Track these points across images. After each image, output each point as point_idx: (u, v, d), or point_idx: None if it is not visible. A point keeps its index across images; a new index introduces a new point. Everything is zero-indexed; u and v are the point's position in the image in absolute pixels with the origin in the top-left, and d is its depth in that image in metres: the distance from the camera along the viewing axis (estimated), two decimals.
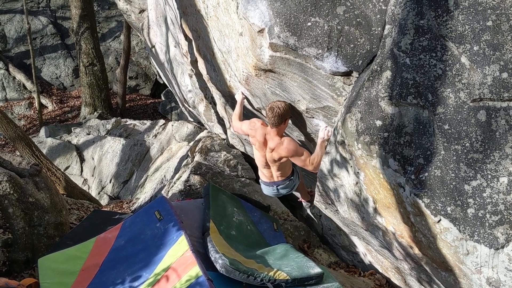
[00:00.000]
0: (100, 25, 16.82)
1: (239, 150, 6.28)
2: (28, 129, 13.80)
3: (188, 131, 8.65)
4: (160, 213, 3.78)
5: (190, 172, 5.43)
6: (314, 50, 3.01)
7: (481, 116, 2.45)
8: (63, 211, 4.44)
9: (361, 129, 2.81)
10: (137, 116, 14.62)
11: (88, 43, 13.06)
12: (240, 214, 4.28)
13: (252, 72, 3.70)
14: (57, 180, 6.97)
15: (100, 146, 9.90)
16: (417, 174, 2.58)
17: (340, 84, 3.11)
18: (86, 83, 13.46)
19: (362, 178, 2.98)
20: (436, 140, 2.54)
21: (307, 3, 3.01)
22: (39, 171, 4.36)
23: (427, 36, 2.61)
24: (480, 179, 2.42)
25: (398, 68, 2.67)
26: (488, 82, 2.44)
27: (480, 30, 2.50)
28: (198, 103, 6.89)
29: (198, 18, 4.60)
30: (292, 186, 4.28)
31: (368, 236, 3.58)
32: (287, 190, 4.30)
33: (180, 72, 7.23)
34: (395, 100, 2.66)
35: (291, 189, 4.32)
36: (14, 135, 6.84)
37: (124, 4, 9.67)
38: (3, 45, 16.16)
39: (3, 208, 4.01)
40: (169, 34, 7.18)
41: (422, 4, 2.64)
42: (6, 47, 16.15)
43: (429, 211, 2.54)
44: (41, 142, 10.88)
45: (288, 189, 4.29)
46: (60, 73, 16.02)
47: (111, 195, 8.82)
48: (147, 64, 16.46)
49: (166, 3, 6.29)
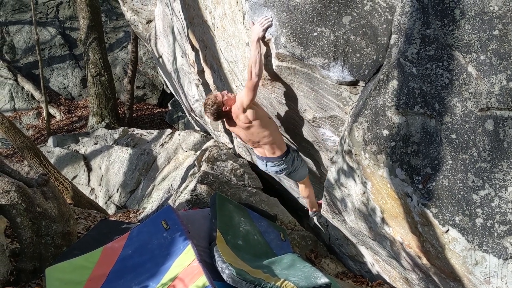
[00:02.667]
0: (108, 36, 16.98)
1: (246, 159, 6.28)
2: (36, 139, 13.90)
3: (195, 140, 8.67)
4: (167, 223, 3.78)
5: (196, 182, 5.44)
6: (320, 60, 3.02)
7: (489, 125, 2.44)
8: (71, 220, 4.45)
9: (368, 138, 2.81)
10: (144, 126, 14.68)
11: (96, 53, 13.17)
12: (247, 223, 4.26)
13: (259, 82, 3.71)
14: (64, 190, 7.00)
15: (107, 156, 9.94)
16: (424, 184, 2.56)
17: (347, 93, 3.11)
18: (94, 93, 13.56)
19: (369, 187, 2.97)
20: (443, 149, 2.53)
21: (313, 13, 3.02)
22: (47, 181, 4.38)
23: (434, 46, 2.61)
24: (488, 188, 2.41)
25: (405, 77, 2.67)
26: (496, 91, 2.44)
27: (487, 39, 2.50)
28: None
29: (205, 28, 4.63)
30: (284, 168, 4.18)
31: (375, 246, 3.55)
32: (275, 170, 4.20)
33: (187, 81, 7.27)
34: (402, 110, 2.66)
35: (283, 171, 4.22)
36: (23, 145, 6.89)
37: (131, 14, 9.76)
38: (12, 55, 16.34)
39: (11, 218, 4.03)
40: (176, 44, 7.23)
41: (428, 13, 2.65)
42: (15, 57, 16.33)
43: (437, 221, 2.52)
44: (49, 151, 10.94)
45: (277, 168, 4.18)
46: (68, 83, 16.15)
47: (118, 205, 8.84)
48: (154, 74, 16.57)
49: (173, 13, 6.34)
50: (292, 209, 5.85)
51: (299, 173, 4.37)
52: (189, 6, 4.93)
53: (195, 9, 4.69)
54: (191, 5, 4.80)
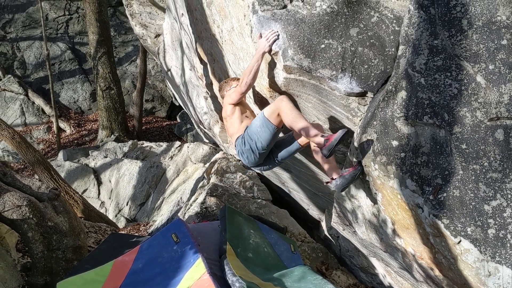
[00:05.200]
0: (117, 50, 17.17)
1: (255, 171, 6.29)
2: (47, 153, 14.01)
3: (204, 152, 8.70)
4: (177, 236, 3.78)
5: (206, 194, 5.44)
6: (328, 72, 3.03)
7: (499, 135, 2.43)
8: (81, 234, 4.47)
9: (377, 149, 2.80)
10: (154, 138, 14.76)
11: (105, 68, 13.30)
12: (256, 236, 4.25)
13: (267, 94, 3.73)
14: (75, 203, 7.04)
15: (117, 169, 9.99)
16: (435, 195, 2.55)
17: (355, 104, 3.11)
18: (103, 107, 13.67)
19: (380, 199, 2.95)
20: (453, 159, 2.52)
21: (320, 25, 3.04)
22: (58, 195, 4.41)
23: (442, 56, 2.61)
24: (500, 198, 2.39)
25: (413, 88, 2.66)
26: (505, 100, 2.43)
27: (495, 49, 2.49)
28: (214, 124, 6.94)
29: (213, 42, 4.67)
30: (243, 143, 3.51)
31: (387, 258, 3.53)
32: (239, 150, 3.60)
33: (195, 94, 7.31)
34: (411, 120, 2.65)
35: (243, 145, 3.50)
36: (33, 159, 6.95)
37: (140, 29, 9.88)
38: (22, 71, 16.55)
39: (23, 232, 4.05)
40: (184, 57, 7.29)
41: (436, 24, 2.65)
42: (25, 73, 16.54)
43: (449, 232, 2.50)
44: (59, 165, 11.02)
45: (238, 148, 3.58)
46: (78, 97, 16.31)
47: (128, 218, 8.86)
48: (163, 87, 16.69)
49: (181, 28, 6.40)
50: (302, 221, 5.82)
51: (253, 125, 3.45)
52: (197, 21, 4.98)
53: (203, 23, 4.74)
54: (199, 19, 4.85)
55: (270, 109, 3.26)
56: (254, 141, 3.39)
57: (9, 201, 3.99)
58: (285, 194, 6.47)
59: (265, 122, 3.28)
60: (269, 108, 3.28)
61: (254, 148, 3.41)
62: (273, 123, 3.26)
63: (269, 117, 3.26)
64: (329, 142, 2.92)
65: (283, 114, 3.21)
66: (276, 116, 3.24)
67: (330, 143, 2.92)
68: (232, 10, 3.80)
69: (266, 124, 3.29)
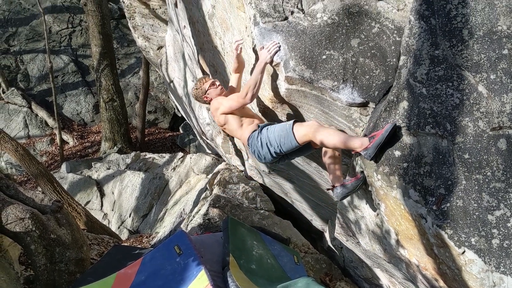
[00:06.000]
0: (120, 62, 17.27)
1: (258, 182, 6.28)
2: (50, 165, 14.04)
3: (206, 163, 8.70)
4: (180, 248, 3.77)
5: (208, 205, 5.44)
6: (330, 82, 3.04)
7: (502, 144, 2.42)
8: (84, 247, 4.46)
9: (380, 159, 2.79)
10: (156, 150, 14.78)
11: (108, 80, 13.37)
12: (260, 247, 4.24)
13: (269, 104, 3.74)
14: (78, 215, 7.04)
15: (120, 181, 10.00)
16: (438, 205, 2.54)
17: (357, 115, 3.11)
18: (106, 119, 13.72)
19: (383, 209, 2.94)
20: (456, 169, 2.51)
21: (321, 36, 3.06)
22: (60, 208, 4.42)
23: (443, 66, 2.62)
24: (504, 208, 2.38)
25: (415, 98, 2.67)
26: (507, 110, 2.43)
27: (496, 59, 2.50)
28: (216, 135, 6.95)
29: (215, 53, 4.70)
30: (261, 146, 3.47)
31: (391, 269, 3.50)
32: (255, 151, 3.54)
33: (198, 105, 7.34)
34: (413, 130, 2.65)
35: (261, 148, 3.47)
36: (37, 172, 6.97)
37: (143, 41, 9.95)
38: (26, 83, 16.65)
39: (26, 245, 4.05)
40: (186, 69, 7.33)
41: (437, 34, 2.66)
42: (29, 85, 16.64)
43: (453, 242, 2.48)
44: (62, 177, 11.04)
45: (254, 148, 3.53)
46: (81, 109, 16.39)
47: (131, 229, 8.85)
48: (166, 98, 16.75)
49: (183, 39, 6.44)
50: (305, 232, 5.80)
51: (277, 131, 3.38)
52: (199, 33, 5.01)
53: (205, 35, 4.77)
54: (201, 31, 4.88)
55: (301, 132, 3.19)
56: (273, 147, 3.37)
57: (12, 213, 3.99)
58: (288, 204, 6.45)
59: (291, 137, 3.24)
60: (300, 130, 3.20)
61: (273, 151, 3.39)
62: (298, 142, 3.24)
63: (298, 137, 3.21)
64: (375, 140, 2.69)
65: (329, 144, 3.09)
66: (306, 139, 3.20)
67: (376, 140, 2.68)
68: (233, 22, 3.83)
69: (290, 139, 3.25)
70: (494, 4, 2.54)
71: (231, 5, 3.70)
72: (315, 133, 3.12)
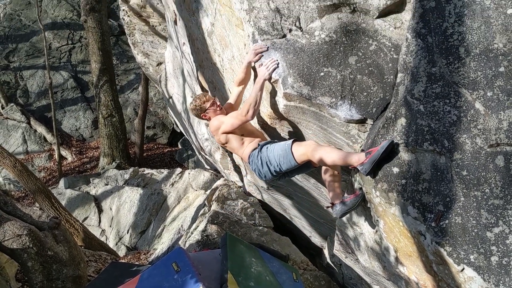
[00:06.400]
0: (119, 78, 17.36)
1: (256, 198, 6.27)
2: (48, 181, 14.01)
3: (205, 179, 8.69)
4: (178, 265, 3.75)
5: (207, 222, 5.42)
6: (328, 99, 3.06)
7: (499, 161, 2.43)
8: (81, 264, 4.43)
9: (378, 176, 2.80)
10: (155, 165, 14.77)
11: (107, 95, 13.42)
12: (258, 264, 4.21)
13: (268, 120, 3.75)
14: (75, 232, 7.00)
15: (118, 196, 9.96)
16: (437, 222, 2.53)
17: (355, 131, 3.13)
18: (105, 134, 13.73)
19: (382, 226, 2.93)
20: (455, 186, 2.51)
21: (319, 54, 3.08)
22: (58, 224, 4.40)
23: (440, 83, 2.64)
24: (502, 225, 2.37)
25: (413, 115, 2.68)
26: (504, 127, 2.44)
27: (493, 76, 2.52)
28: (215, 151, 6.96)
29: (214, 70, 4.73)
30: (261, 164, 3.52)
31: (390, 286, 3.48)
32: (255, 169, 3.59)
33: (196, 121, 7.36)
34: (411, 147, 2.66)
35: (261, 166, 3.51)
36: (34, 188, 6.95)
37: (142, 57, 10.01)
38: (25, 99, 16.71)
39: (22, 262, 4.02)
40: (186, 85, 7.37)
41: (433, 52, 2.69)
42: (28, 101, 16.70)
43: (452, 259, 2.47)
44: (60, 193, 11.00)
45: (255, 166, 3.57)
46: (80, 125, 16.42)
47: (129, 246, 8.79)
48: (165, 114, 16.80)
49: (183, 56, 6.49)
50: (304, 248, 5.77)
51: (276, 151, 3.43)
52: (199, 50, 5.05)
53: (204, 52, 4.81)
54: (200, 48, 4.92)
55: (300, 152, 3.25)
56: (273, 166, 3.42)
57: (9, 230, 3.97)
58: (287, 221, 6.43)
59: (290, 157, 3.29)
60: (299, 150, 3.25)
61: (273, 170, 3.45)
62: (297, 161, 3.28)
63: (297, 156, 3.27)
64: (371, 155, 2.73)
65: (327, 161, 3.12)
66: (304, 158, 3.25)
67: (372, 156, 2.73)
68: (232, 40, 3.86)
69: (290, 159, 3.30)
70: (490, 22, 2.57)
71: (230, 23, 3.74)
72: (313, 152, 3.16)
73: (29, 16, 18.50)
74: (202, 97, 3.83)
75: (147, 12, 9.52)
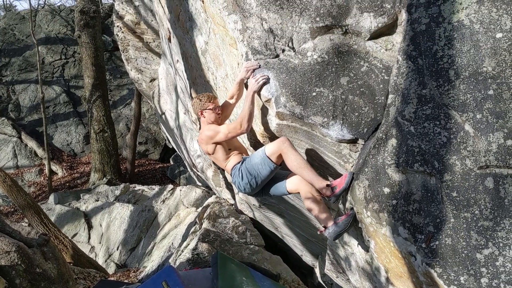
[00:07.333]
0: (112, 93, 17.36)
1: (248, 216, 6.24)
2: (38, 196, 13.86)
3: (197, 195, 8.65)
4: (168, 284, 3.71)
5: (198, 240, 5.38)
6: (320, 119, 3.08)
7: (489, 183, 2.45)
8: (70, 281, 4.37)
9: (369, 196, 2.81)
10: (146, 181, 14.69)
11: (99, 111, 13.41)
12: (249, 283, 4.18)
13: (260, 139, 3.77)
14: (64, 248, 6.91)
15: (108, 213, 9.88)
16: (428, 243, 2.54)
17: (347, 151, 3.15)
18: (97, 149, 13.67)
19: (373, 246, 2.93)
20: (445, 207, 2.53)
21: (312, 74, 3.12)
22: (47, 241, 4.35)
23: (430, 105, 2.67)
24: (492, 247, 2.38)
25: (403, 136, 2.71)
26: (493, 149, 2.46)
27: (482, 99, 2.55)
28: (207, 168, 6.94)
29: (207, 88, 4.75)
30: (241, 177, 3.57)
31: None
32: (235, 181, 3.64)
33: (189, 137, 7.36)
34: (402, 168, 2.68)
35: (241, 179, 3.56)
36: (24, 203, 6.88)
37: (135, 73, 10.04)
38: (17, 113, 16.63)
39: (10, 279, 3.96)
40: (179, 101, 7.39)
41: (424, 74, 2.72)
42: (19, 115, 16.62)
43: (442, 281, 2.48)
44: (50, 209, 10.89)
45: (236, 179, 3.62)
46: (71, 139, 16.34)
47: (118, 263, 8.69)
48: (157, 130, 16.78)
49: (176, 73, 6.52)
50: (295, 267, 5.74)
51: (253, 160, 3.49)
52: (192, 67, 5.08)
53: (198, 70, 4.84)
54: (194, 66, 4.95)
55: (272, 149, 3.32)
56: (253, 176, 3.46)
57: None
58: (278, 239, 6.41)
59: (266, 160, 3.35)
60: (271, 147, 3.33)
61: (253, 182, 3.49)
62: (273, 160, 3.34)
63: (270, 156, 3.33)
64: (338, 190, 3.02)
65: (288, 160, 3.27)
66: (277, 156, 3.32)
67: (339, 190, 3.01)
68: (226, 59, 3.90)
69: (266, 162, 3.36)
70: (479, 46, 2.62)
71: (224, 42, 3.78)
72: (283, 146, 3.27)
73: (22, 30, 18.54)
74: (212, 97, 3.81)
75: (141, 29, 9.59)
